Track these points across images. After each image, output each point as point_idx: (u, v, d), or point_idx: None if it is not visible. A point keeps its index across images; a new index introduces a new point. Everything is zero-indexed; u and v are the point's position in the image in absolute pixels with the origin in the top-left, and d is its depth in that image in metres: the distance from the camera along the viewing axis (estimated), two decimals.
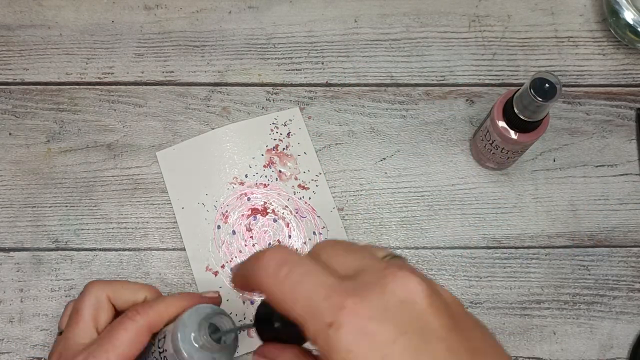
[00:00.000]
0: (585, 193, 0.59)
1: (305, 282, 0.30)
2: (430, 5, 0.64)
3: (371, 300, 0.28)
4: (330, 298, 0.29)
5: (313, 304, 0.29)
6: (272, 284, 0.31)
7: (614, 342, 0.56)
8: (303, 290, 0.30)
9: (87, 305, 0.45)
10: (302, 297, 0.30)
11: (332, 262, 0.31)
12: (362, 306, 0.28)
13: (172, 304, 0.44)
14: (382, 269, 0.30)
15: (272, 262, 0.31)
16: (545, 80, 0.47)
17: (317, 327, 0.29)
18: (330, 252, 0.32)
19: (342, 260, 0.31)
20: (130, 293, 0.46)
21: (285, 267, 0.31)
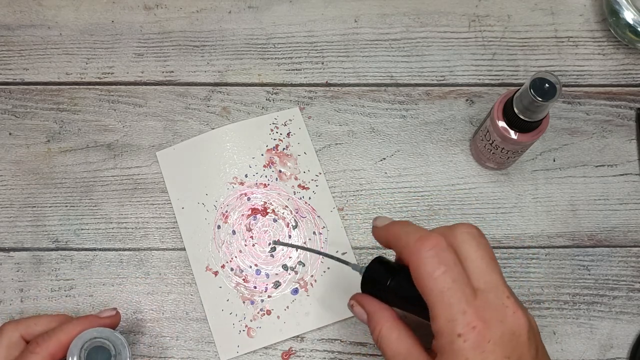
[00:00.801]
0: (585, 193, 0.59)
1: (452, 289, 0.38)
2: (430, 5, 0.64)
3: (493, 327, 0.38)
4: (466, 314, 0.38)
5: (453, 311, 0.38)
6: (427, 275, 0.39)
7: (614, 342, 0.56)
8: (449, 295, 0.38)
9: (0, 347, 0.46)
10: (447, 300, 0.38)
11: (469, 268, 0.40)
12: (487, 331, 0.38)
13: (71, 329, 0.46)
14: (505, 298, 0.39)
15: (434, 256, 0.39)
16: (545, 80, 0.47)
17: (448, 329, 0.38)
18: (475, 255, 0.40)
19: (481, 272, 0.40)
20: (43, 328, 0.48)
21: (442, 267, 0.39)
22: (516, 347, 0.38)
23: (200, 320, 0.56)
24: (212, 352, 0.55)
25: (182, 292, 0.56)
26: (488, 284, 0.39)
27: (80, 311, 0.56)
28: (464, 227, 0.41)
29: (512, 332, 0.38)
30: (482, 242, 0.41)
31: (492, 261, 0.41)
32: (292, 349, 0.55)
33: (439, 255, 0.39)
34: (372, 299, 0.44)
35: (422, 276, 0.39)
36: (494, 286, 0.39)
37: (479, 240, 0.41)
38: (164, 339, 0.55)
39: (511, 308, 0.39)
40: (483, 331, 0.38)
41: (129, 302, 0.56)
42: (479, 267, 0.40)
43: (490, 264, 0.40)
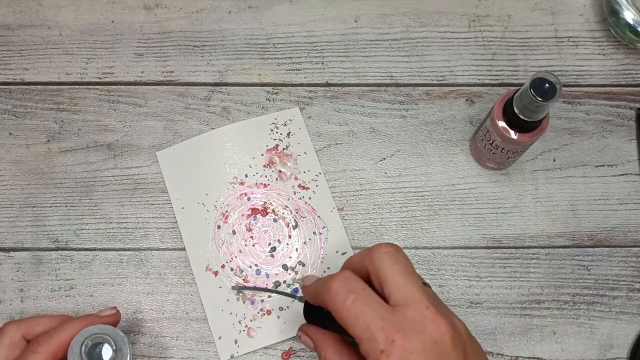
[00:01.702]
0: (585, 193, 0.59)
1: (366, 311, 0.40)
2: (430, 5, 0.64)
3: (413, 339, 0.39)
4: (384, 330, 0.39)
5: (371, 331, 0.39)
6: (340, 307, 0.40)
7: (614, 342, 0.56)
8: (364, 317, 0.40)
9: (1, 346, 0.46)
10: (363, 323, 0.39)
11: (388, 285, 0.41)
12: (407, 343, 0.38)
13: (72, 329, 0.47)
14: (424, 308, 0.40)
15: (341, 290, 0.41)
16: (545, 80, 0.47)
17: (371, 349, 0.39)
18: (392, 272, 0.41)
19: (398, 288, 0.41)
20: (44, 327, 0.48)
21: (352, 296, 0.40)
22: (440, 355, 0.39)
23: (200, 320, 0.56)
24: (212, 352, 0.55)
25: (182, 292, 0.56)
26: (405, 299, 0.40)
27: (80, 311, 0.56)
28: (381, 248, 0.42)
29: (433, 340, 0.39)
30: (399, 258, 0.42)
31: (410, 275, 0.41)
32: (292, 349, 0.55)
33: (346, 286, 0.41)
34: (316, 328, 0.47)
35: (337, 310, 0.41)
36: (412, 300, 0.40)
37: (396, 257, 0.42)
38: (164, 339, 0.55)
39: (430, 318, 0.40)
40: (403, 343, 0.38)
41: (129, 302, 0.56)
42: (396, 282, 0.41)
43: (407, 278, 0.41)
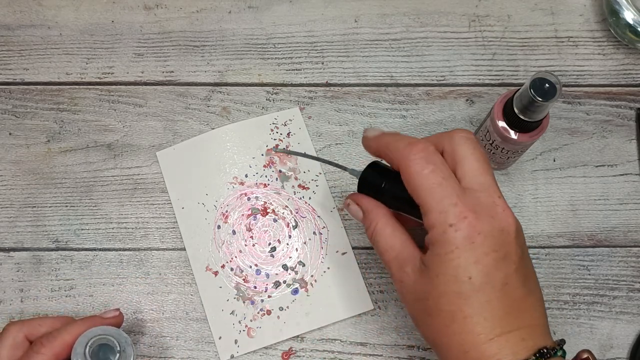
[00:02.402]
0: (585, 193, 0.59)
1: (443, 185, 0.40)
2: (430, 5, 0.64)
3: (483, 221, 0.40)
4: (457, 206, 0.40)
5: (444, 204, 0.40)
6: (417, 174, 0.41)
7: (614, 342, 0.56)
8: (440, 190, 0.40)
9: (3, 345, 0.46)
10: (438, 194, 0.40)
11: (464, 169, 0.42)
12: (477, 222, 0.40)
13: (75, 330, 0.47)
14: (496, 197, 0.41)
15: (422, 157, 0.41)
16: (545, 80, 0.47)
17: (440, 221, 0.40)
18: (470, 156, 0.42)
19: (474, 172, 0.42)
20: (47, 328, 0.48)
21: (431, 166, 0.41)
22: (504, 244, 0.40)
23: (200, 320, 0.56)
24: (212, 352, 0.55)
25: (182, 292, 0.56)
26: (480, 185, 0.41)
27: (81, 311, 0.56)
28: (461, 132, 0.43)
29: (501, 228, 0.40)
30: (477, 146, 0.43)
31: (486, 163, 0.42)
32: (292, 349, 0.55)
33: (427, 157, 0.41)
34: (369, 198, 0.46)
35: (411, 176, 0.41)
36: (486, 186, 0.41)
37: (475, 144, 0.43)
38: (164, 339, 0.55)
39: (501, 207, 0.41)
40: (474, 222, 0.40)
41: (129, 302, 0.56)
42: (472, 168, 0.42)
43: (483, 166, 0.42)
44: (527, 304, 0.41)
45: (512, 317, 0.40)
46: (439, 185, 0.40)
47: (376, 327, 0.56)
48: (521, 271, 0.41)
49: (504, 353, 0.39)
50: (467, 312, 0.40)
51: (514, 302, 0.40)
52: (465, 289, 0.40)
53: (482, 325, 0.40)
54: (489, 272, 0.40)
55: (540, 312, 0.42)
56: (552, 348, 0.40)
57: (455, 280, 0.40)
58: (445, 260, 0.40)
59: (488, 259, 0.40)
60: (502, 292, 0.40)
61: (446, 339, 0.41)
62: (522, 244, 0.42)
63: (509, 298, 0.40)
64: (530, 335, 0.40)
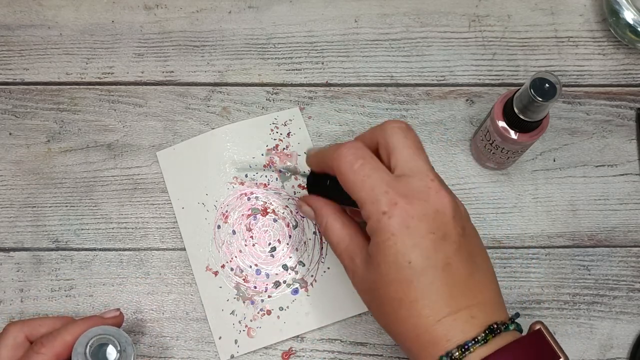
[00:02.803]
0: (585, 193, 0.59)
1: (372, 176, 0.41)
2: (430, 5, 0.64)
3: (416, 204, 0.40)
4: (387, 194, 0.40)
5: (375, 193, 0.41)
6: (347, 171, 0.42)
7: (614, 342, 0.56)
8: (370, 181, 0.41)
9: (4, 345, 0.46)
10: (368, 186, 0.41)
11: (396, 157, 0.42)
12: (409, 207, 0.40)
13: (76, 330, 0.46)
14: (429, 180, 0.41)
15: (350, 155, 0.43)
16: (545, 80, 0.47)
17: (373, 210, 0.41)
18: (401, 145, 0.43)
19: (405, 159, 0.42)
20: (47, 329, 0.47)
21: (359, 161, 0.42)
22: (441, 225, 0.40)
23: (200, 320, 0.56)
24: (212, 352, 0.55)
25: (182, 292, 0.56)
26: (411, 170, 0.42)
27: (81, 311, 0.56)
28: (392, 122, 0.44)
29: (435, 210, 0.41)
30: (409, 134, 0.44)
31: (418, 150, 0.43)
32: (292, 349, 0.55)
33: (355, 153, 0.43)
34: (318, 197, 0.49)
35: (343, 174, 0.43)
36: (418, 171, 0.42)
37: (406, 133, 0.44)
38: (164, 339, 0.55)
39: (434, 189, 0.41)
40: (406, 207, 0.40)
41: (129, 302, 0.56)
42: (404, 155, 0.43)
43: (416, 152, 0.43)
44: (474, 281, 0.41)
45: (458, 296, 0.40)
46: (368, 177, 0.42)
47: (376, 327, 0.56)
48: (464, 250, 0.41)
49: (453, 332, 0.40)
50: (413, 296, 0.40)
51: (459, 282, 0.41)
52: (407, 273, 0.40)
53: (429, 308, 0.40)
54: (428, 255, 0.40)
55: (490, 288, 0.42)
56: (502, 323, 0.40)
57: (396, 266, 0.40)
58: (384, 248, 0.40)
59: (426, 242, 0.40)
60: (445, 273, 0.40)
61: (398, 325, 0.41)
62: (462, 223, 0.42)
63: (453, 278, 0.40)
64: (480, 312, 0.41)
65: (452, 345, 0.39)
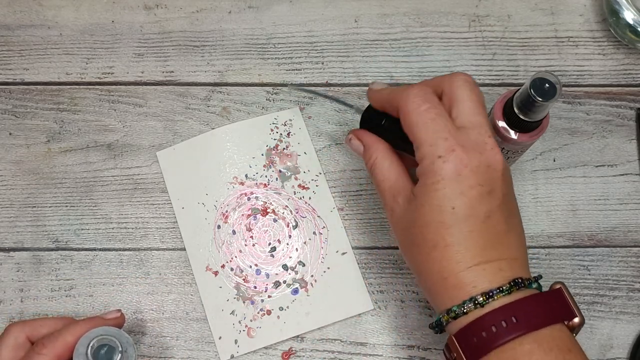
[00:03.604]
0: (585, 193, 0.59)
1: (436, 120, 0.43)
2: (430, 5, 0.64)
3: (471, 155, 0.42)
4: (447, 140, 0.42)
5: (435, 137, 0.42)
6: (413, 111, 0.43)
7: (614, 342, 0.56)
8: (433, 125, 0.42)
9: (5, 346, 0.46)
10: (430, 129, 0.42)
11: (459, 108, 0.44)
12: (465, 156, 0.41)
13: (77, 330, 0.46)
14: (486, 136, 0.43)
15: (418, 97, 0.43)
16: (545, 80, 0.47)
17: (430, 152, 0.42)
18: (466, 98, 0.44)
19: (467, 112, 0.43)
20: (49, 329, 0.47)
21: (426, 104, 0.43)
22: (490, 180, 0.42)
23: (200, 320, 0.56)
24: (212, 352, 0.55)
25: (182, 292, 0.56)
26: (472, 123, 0.43)
27: (81, 311, 0.56)
28: (460, 75, 0.45)
29: (488, 164, 0.42)
30: (474, 89, 0.44)
31: (480, 105, 0.44)
32: (292, 349, 0.55)
33: (423, 96, 0.44)
34: (369, 133, 0.49)
35: (407, 114, 0.43)
36: (478, 125, 0.43)
37: (472, 87, 0.44)
38: (164, 339, 0.55)
39: (490, 145, 0.43)
40: (461, 155, 0.41)
41: (129, 302, 0.56)
42: (467, 108, 0.43)
43: (478, 107, 0.44)
44: (508, 238, 0.43)
45: (491, 248, 0.42)
46: (432, 120, 0.42)
47: (376, 327, 0.56)
48: (505, 207, 0.43)
49: (480, 280, 0.41)
50: (449, 240, 0.42)
51: (494, 236, 0.42)
52: (448, 218, 0.41)
53: (462, 254, 0.41)
54: (472, 205, 0.41)
55: (520, 248, 0.44)
56: (527, 279, 0.42)
57: (439, 209, 0.41)
58: (432, 190, 0.42)
59: (473, 192, 0.41)
60: (484, 225, 0.42)
61: (428, 265, 0.43)
62: (508, 183, 0.43)
63: (490, 231, 0.42)
64: (508, 267, 0.42)
65: (477, 292, 0.41)
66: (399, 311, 0.56)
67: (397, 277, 0.57)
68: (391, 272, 0.57)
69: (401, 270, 0.57)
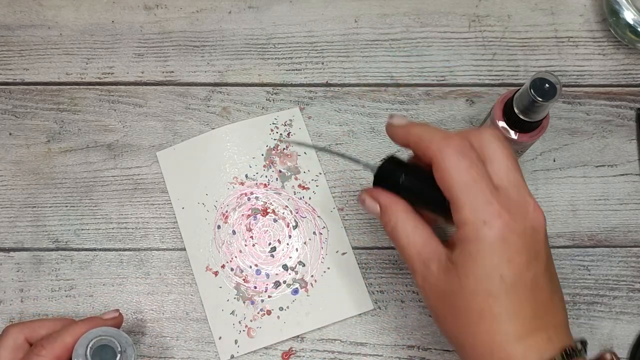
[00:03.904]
0: (585, 193, 0.59)
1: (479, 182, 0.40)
2: (430, 5, 0.64)
3: (517, 219, 0.40)
4: (491, 204, 0.40)
5: (478, 201, 0.40)
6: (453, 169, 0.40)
7: (614, 342, 0.56)
8: (476, 186, 0.40)
9: (4, 347, 0.46)
10: (473, 191, 0.40)
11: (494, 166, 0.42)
12: (511, 221, 0.40)
13: (76, 331, 0.46)
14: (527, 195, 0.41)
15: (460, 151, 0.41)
16: (545, 80, 0.47)
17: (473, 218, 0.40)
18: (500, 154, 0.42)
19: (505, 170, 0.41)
20: (47, 331, 0.47)
21: (467, 161, 0.40)
22: (535, 243, 0.40)
23: (200, 320, 0.56)
24: (212, 352, 0.55)
25: (182, 292, 0.56)
26: (510, 182, 0.41)
27: (81, 311, 0.56)
28: (490, 130, 0.43)
29: (532, 227, 0.40)
30: (506, 144, 0.43)
31: (515, 162, 0.42)
32: (292, 349, 0.55)
33: (463, 152, 0.41)
34: (386, 191, 0.45)
35: (446, 170, 0.41)
36: (516, 184, 0.41)
37: (504, 143, 0.43)
38: (164, 339, 0.55)
39: (532, 205, 0.41)
40: (508, 221, 0.39)
41: (129, 303, 0.56)
42: (502, 166, 0.42)
43: (513, 164, 0.42)
44: (553, 303, 0.42)
45: (539, 317, 0.40)
46: (475, 181, 0.40)
47: (376, 327, 0.56)
48: (548, 270, 0.42)
49: (530, 353, 0.39)
50: (496, 311, 0.40)
51: (541, 302, 0.41)
52: (496, 287, 0.39)
53: (511, 325, 0.40)
54: (520, 272, 0.40)
55: (563, 311, 0.43)
56: (576, 348, 0.41)
57: (486, 278, 0.39)
58: (478, 259, 0.39)
59: (520, 259, 0.40)
60: (532, 292, 0.40)
61: (472, 337, 0.41)
62: (548, 243, 0.42)
63: (537, 298, 0.40)
64: (556, 335, 0.41)
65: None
66: (399, 311, 0.56)
67: (397, 277, 0.57)
68: (391, 272, 0.57)
69: (401, 270, 0.57)
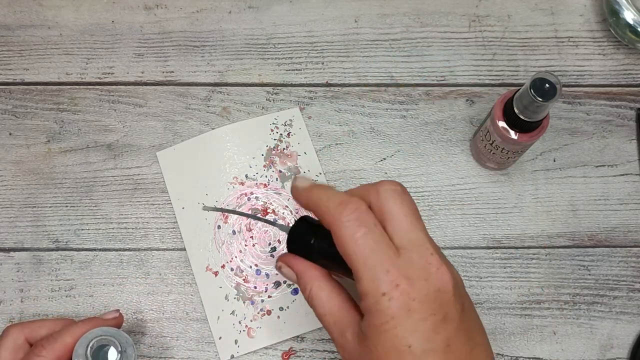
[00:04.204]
0: (585, 193, 0.59)
1: (375, 251, 0.38)
2: (430, 5, 0.64)
3: (418, 285, 0.38)
4: (389, 273, 0.38)
5: (376, 272, 0.38)
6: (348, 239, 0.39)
7: (614, 342, 0.56)
8: (372, 256, 0.38)
9: (4, 348, 0.46)
10: (370, 261, 0.38)
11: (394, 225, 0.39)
12: (411, 289, 0.38)
13: (76, 332, 0.46)
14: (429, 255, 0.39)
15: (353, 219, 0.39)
16: (545, 80, 0.47)
17: (372, 289, 0.38)
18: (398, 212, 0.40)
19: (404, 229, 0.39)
20: (48, 331, 0.47)
21: (363, 229, 0.39)
22: (442, 305, 0.38)
23: (200, 321, 0.56)
24: (212, 352, 0.55)
25: (182, 292, 0.56)
26: (411, 242, 0.39)
27: (81, 311, 0.56)
28: (388, 184, 0.41)
29: (437, 289, 0.38)
30: (405, 199, 0.40)
31: (416, 218, 0.40)
32: (292, 349, 0.55)
33: (359, 218, 0.39)
34: (300, 258, 0.44)
35: (344, 239, 0.39)
36: (417, 244, 0.39)
37: (403, 197, 0.40)
38: (165, 339, 0.55)
39: (434, 265, 0.39)
40: (407, 289, 0.38)
41: (129, 303, 0.56)
42: (402, 225, 0.40)
43: (413, 222, 0.40)
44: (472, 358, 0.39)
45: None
46: (372, 250, 0.38)
47: None
48: (463, 327, 0.39)
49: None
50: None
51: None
52: (407, 358, 0.38)
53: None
54: (429, 338, 0.38)
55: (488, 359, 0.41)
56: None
57: (395, 350, 0.38)
58: (382, 331, 0.38)
59: (426, 325, 0.38)
60: (445, 354, 0.38)
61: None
62: (461, 299, 0.40)
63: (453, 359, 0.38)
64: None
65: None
66: None
67: None
68: None
69: None
